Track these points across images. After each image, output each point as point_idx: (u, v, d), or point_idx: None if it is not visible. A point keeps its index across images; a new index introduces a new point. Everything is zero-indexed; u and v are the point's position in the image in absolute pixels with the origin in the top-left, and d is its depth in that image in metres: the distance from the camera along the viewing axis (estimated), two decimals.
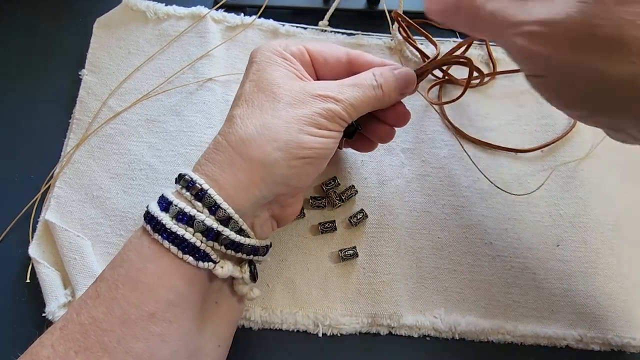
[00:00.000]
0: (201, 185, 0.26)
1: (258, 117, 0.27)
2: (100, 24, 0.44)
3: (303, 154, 0.27)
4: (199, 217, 0.26)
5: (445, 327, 0.36)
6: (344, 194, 0.38)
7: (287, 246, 0.38)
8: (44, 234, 0.37)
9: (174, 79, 0.43)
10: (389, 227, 0.38)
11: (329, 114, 0.28)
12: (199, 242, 0.26)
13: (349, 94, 0.29)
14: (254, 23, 0.44)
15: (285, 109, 0.27)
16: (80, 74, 0.43)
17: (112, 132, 0.41)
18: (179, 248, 0.26)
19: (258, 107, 0.28)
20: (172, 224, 0.26)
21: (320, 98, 0.28)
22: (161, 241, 0.26)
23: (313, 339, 0.36)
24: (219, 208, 0.26)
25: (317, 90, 0.28)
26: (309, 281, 0.37)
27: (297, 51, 0.31)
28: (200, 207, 0.26)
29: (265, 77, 0.29)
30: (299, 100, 0.28)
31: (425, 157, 0.41)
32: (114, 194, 0.39)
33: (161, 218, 0.26)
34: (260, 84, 0.28)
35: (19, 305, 0.36)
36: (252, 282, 0.29)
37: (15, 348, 0.32)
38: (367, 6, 0.46)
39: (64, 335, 0.24)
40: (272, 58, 0.29)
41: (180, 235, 0.25)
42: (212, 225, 0.26)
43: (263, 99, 0.28)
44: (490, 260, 0.38)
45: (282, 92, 0.28)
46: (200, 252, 0.26)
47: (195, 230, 0.26)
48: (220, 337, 0.29)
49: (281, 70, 0.29)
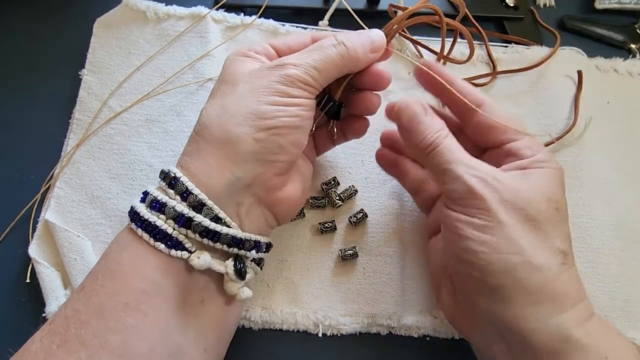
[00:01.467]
0: (174, 174, 0.27)
1: (218, 102, 0.28)
2: (100, 24, 0.44)
3: (266, 124, 0.27)
4: (170, 203, 0.26)
5: (445, 327, 0.36)
6: (344, 194, 0.38)
7: (287, 246, 0.38)
8: (44, 234, 0.37)
9: (174, 79, 0.43)
10: (389, 227, 0.38)
11: (288, 79, 0.27)
12: (171, 229, 0.26)
13: (307, 57, 0.28)
14: (254, 23, 0.45)
15: (243, 87, 0.28)
16: (80, 74, 0.43)
17: (112, 132, 0.41)
18: (151, 235, 0.26)
19: (220, 95, 0.28)
20: (145, 211, 0.26)
21: (277, 67, 0.28)
22: (135, 229, 0.26)
23: (313, 339, 0.36)
24: (190, 194, 0.26)
25: (275, 62, 0.28)
26: (309, 281, 0.37)
27: (260, 48, 0.31)
28: (172, 194, 0.26)
29: (228, 72, 0.29)
30: (256, 76, 0.28)
31: None
32: (114, 194, 0.39)
33: (137, 208, 0.27)
34: (223, 78, 0.29)
35: (19, 305, 0.36)
36: (238, 279, 0.27)
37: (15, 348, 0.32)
38: (367, 6, 0.46)
39: (51, 329, 0.25)
40: (236, 58, 0.30)
41: (152, 222, 0.26)
42: (183, 211, 0.26)
43: (224, 88, 0.28)
44: None
45: (239, 77, 0.28)
46: (173, 240, 0.26)
47: (167, 217, 0.26)
48: (207, 341, 0.28)
49: (244, 63, 0.29)
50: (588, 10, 0.48)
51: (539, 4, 0.49)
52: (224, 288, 0.28)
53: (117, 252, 0.26)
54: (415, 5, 0.32)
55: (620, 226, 0.39)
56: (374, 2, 0.45)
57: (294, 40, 0.32)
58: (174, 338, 0.26)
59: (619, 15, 0.48)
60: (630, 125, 0.43)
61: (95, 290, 0.25)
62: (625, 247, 0.38)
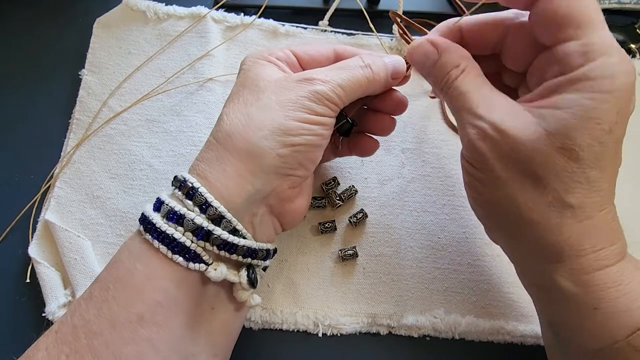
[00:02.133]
0: (192, 184, 0.26)
1: (242, 110, 0.27)
2: (100, 24, 0.44)
3: (291, 141, 0.26)
4: (189, 215, 0.25)
5: (445, 327, 0.36)
6: (344, 194, 0.38)
7: (287, 246, 0.38)
8: (44, 234, 0.37)
9: (174, 79, 0.43)
10: (389, 227, 0.38)
11: (316, 97, 0.27)
12: (189, 242, 0.25)
13: (335, 75, 0.28)
14: (254, 23, 0.44)
15: (269, 97, 0.27)
16: (80, 74, 0.43)
17: (112, 132, 0.41)
18: (169, 248, 0.25)
19: (243, 102, 0.27)
20: (162, 223, 0.25)
21: (305, 82, 0.27)
22: (151, 241, 0.25)
23: (313, 339, 0.36)
24: (209, 206, 0.25)
25: (303, 75, 0.28)
26: (309, 281, 0.37)
27: (282, 54, 0.30)
28: (190, 206, 0.25)
29: (250, 76, 0.28)
30: (283, 87, 0.27)
31: (425, 157, 0.41)
32: (114, 194, 0.39)
33: (152, 217, 0.25)
34: (245, 82, 0.28)
35: (19, 305, 0.36)
36: (250, 287, 0.28)
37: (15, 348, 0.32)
38: (367, 6, 0.46)
39: (58, 338, 0.24)
40: (257, 62, 0.29)
41: (170, 234, 0.25)
42: (202, 224, 0.25)
43: (248, 94, 0.28)
44: (490, 260, 0.38)
45: (265, 84, 0.28)
46: (191, 253, 0.25)
47: (185, 229, 0.25)
48: (217, 346, 0.28)
49: (267, 68, 0.29)
50: None
51: None
52: (233, 295, 0.28)
53: (130, 262, 0.25)
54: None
55: None
56: (374, 2, 0.45)
57: (316, 51, 0.31)
58: (187, 347, 0.26)
59: (619, 15, 0.48)
60: (630, 125, 0.43)
61: (106, 301, 0.24)
62: None
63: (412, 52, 0.29)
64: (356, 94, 0.29)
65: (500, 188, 0.25)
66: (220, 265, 0.26)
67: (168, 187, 0.38)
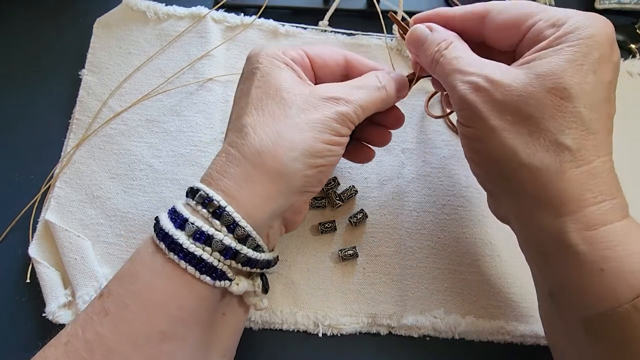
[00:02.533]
0: (219, 202, 0.25)
1: (271, 125, 0.26)
2: (100, 24, 0.44)
3: (317, 162, 0.27)
4: (218, 236, 0.25)
5: (445, 327, 0.36)
6: (344, 194, 0.38)
7: (287, 246, 0.38)
8: (44, 234, 0.37)
9: (174, 79, 0.43)
10: (389, 227, 0.38)
11: (341, 118, 0.27)
12: (217, 262, 0.25)
13: (357, 96, 0.28)
14: (254, 23, 0.44)
15: (298, 115, 0.27)
16: (80, 74, 0.43)
17: (112, 132, 0.41)
18: (196, 268, 0.24)
19: (269, 115, 0.27)
20: (189, 243, 0.24)
21: (331, 101, 0.27)
22: (177, 261, 0.24)
23: (313, 339, 0.36)
24: (237, 226, 0.25)
25: (327, 92, 0.28)
26: (309, 281, 0.37)
27: (297, 56, 0.30)
28: (218, 226, 0.25)
29: (272, 83, 0.28)
30: (310, 105, 0.27)
31: (425, 157, 0.41)
32: (114, 194, 0.39)
33: (177, 237, 0.24)
34: (267, 90, 0.27)
35: (19, 305, 0.36)
36: (264, 294, 0.29)
37: (15, 348, 0.32)
38: (367, 6, 0.46)
39: (69, 351, 0.23)
40: (274, 63, 0.28)
41: (198, 255, 0.24)
42: (231, 245, 0.25)
43: (273, 106, 0.27)
44: (490, 260, 0.38)
45: (292, 97, 0.27)
46: (218, 272, 0.25)
47: (213, 249, 0.25)
48: (226, 347, 0.29)
49: (286, 75, 0.28)
50: (588, 10, 0.48)
51: None
52: (244, 300, 0.29)
53: (151, 279, 0.25)
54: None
55: None
56: (374, 2, 0.45)
57: (329, 56, 0.31)
58: (202, 353, 0.26)
59: (619, 15, 0.48)
60: (630, 125, 0.43)
61: (124, 318, 0.24)
62: None
63: (410, 34, 0.30)
64: (370, 113, 0.30)
65: (496, 139, 0.25)
66: (242, 280, 0.27)
67: (171, 189, 0.39)
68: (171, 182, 0.39)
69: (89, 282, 0.35)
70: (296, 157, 0.26)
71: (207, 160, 0.40)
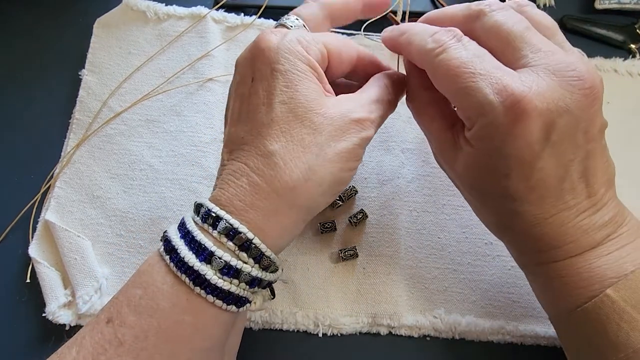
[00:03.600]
0: (246, 235, 0.24)
1: (301, 157, 0.24)
2: (100, 24, 0.44)
3: (339, 189, 0.27)
4: (246, 269, 0.24)
5: (445, 327, 0.36)
6: (344, 194, 0.38)
7: (287, 246, 0.38)
8: (44, 234, 0.37)
9: (174, 79, 0.43)
10: (389, 227, 0.38)
11: (364, 141, 0.27)
12: (243, 292, 0.25)
13: (376, 114, 0.28)
14: (254, 23, 0.45)
15: (328, 144, 0.25)
16: (80, 74, 0.43)
17: (112, 132, 0.41)
18: (224, 301, 0.24)
19: (299, 143, 0.25)
20: (216, 278, 0.23)
21: (359, 125, 0.26)
22: (204, 296, 0.23)
23: (313, 339, 0.36)
24: (263, 256, 0.25)
25: (353, 113, 0.26)
26: (309, 281, 0.37)
27: (319, 54, 0.27)
28: (245, 258, 0.24)
29: (299, 99, 0.25)
30: (339, 130, 0.25)
31: (425, 157, 0.41)
32: (114, 194, 0.39)
33: (204, 272, 0.23)
34: (294, 109, 0.25)
35: (19, 305, 0.36)
36: (271, 299, 0.29)
37: (15, 348, 0.32)
38: None
39: None
40: (298, 67, 0.26)
41: (227, 289, 0.24)
42: (258, 275, 0.25)
43: (303, 131, 0.25)
44: (490, 260, 0.38)
45: (321, 121, 0.25)
46: (243, 300, 0.25)
47: (241, 281, 0.24)
48: (230, 348, 0.29)
49: (312, 88, 0.26)
50: (588, 10, 0.48)
51: (539, 4, 0.49)
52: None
53: (175, 314, 0.23)
54: None
55: None
56: None
57: (346, 52, 0.29)
58: None
59: (619, 15, 0.48)
60: (630, 126, 0.43)
61: (146, 350, 0.23)
62: None
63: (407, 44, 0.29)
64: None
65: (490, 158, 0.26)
66: (258, 298, 0.27)
67: (171, 189, 0.39)
68: (171, 182, 0.39)
69: (89, 282, 0.35)
70: (325, 190, 0.26)
71: (207, 161, 0.40)
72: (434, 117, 0.29)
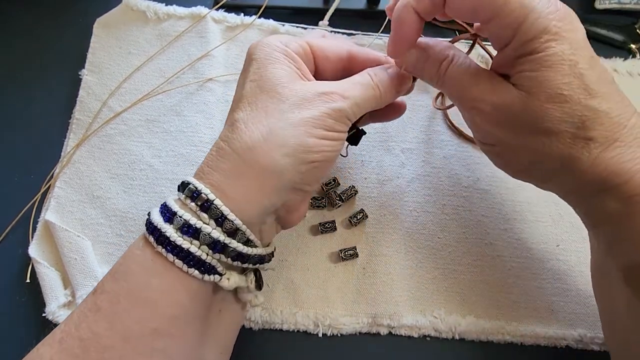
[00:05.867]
0: (207, 196, 0.25)
1: (263, 120, 0.26)
2: (100, 24, 0.44)
3: (311, 158, 0.26)
4: (205, 229, 0.25)
5: (445, 327, 0.36)
6: (344, 194, 0.38)
7: (287, 246, 0.38)
8: (44, 234, 0.37)
9: (174, 79, 0.43)
10: (389, 227, 0.38)
11: (336, 114, 0.27)
12: (205, 255, 0.25)
13: (352, 92, 0.28)
14: (254, 23, 0.44)
15: (291, 111, 0.26)
16: (80, 74, 0.43)
17: (112, 132, 0.41)
18: (184, 262, 0.24)
19: (263, 110, 0.26)
20: (176, 236, 0.24)
21: (326, 97, 0.27)
22: (165, 254, 0.24)
23: (313, 339, 0.36)
24: (225, 220, 0.25)
25: (323, 88, 0.27)
26: (309, 281, 0.37)
27: (299, 47, 0.29)
28: (206, 219, 0.25)
29: (268, 76, 0.27)
30: (305, 100, 0.26)
31: (425, 157, 0.41)
32: (114, 194, 0.39)
33: (165, 230, 0.24)
34: (262, 84, 0.27)
35: (19, 305, 0.36)
36: (257, 290, 0.28)
37: (15, 348, 0.32)
38: (367, 6, 0.46)
39: (63, 349, 0.23)
40: (273, 55, 0.28)
41: (185, 248, 0.24)
42: (219, 238, 0.25)
43: (267, 101, 0.26)
44: (490, 260, 0.38)
45: (286, 93, 0.26)
46: (206, 265, 0.25)
47: (201, 243, 0.25)
48: (222, 344, 0.29)
49: (284, 69, 0.27)
50: (588, 10, 0.48)
51: None
52: (238, 296, 0.29)
53: (143, 276, 0.25)
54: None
55: None
56: (374, 2, 0.45)
57: (331, 49, 0.30)
58: (197, 351, 0.26)
59: (619, 15, 0.48)
60: None
61: (118, 315, 0.24)
62: None
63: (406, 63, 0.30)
64: (366, 111, 0.30)
65: (521, 152, 0.27)
66: (233, 275, 0.27)
67: (171, 189, 0.39)
68: (171, 182, 0.39)
69: (89, 282, 0.35)
70: (287, 152, 0.25)
71: None
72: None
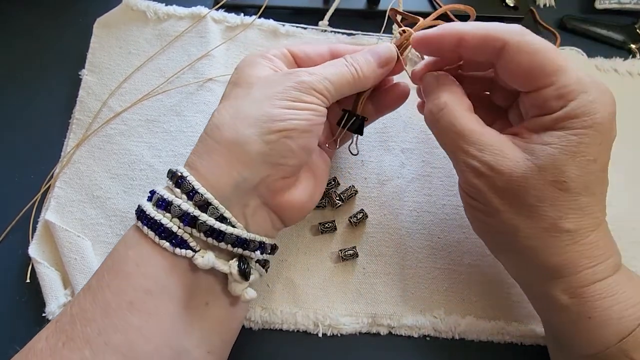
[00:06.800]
0: (181, 173, 0.27)
1: (232, 104, 0.28)
2: (100, 24, 0.44)
3: (277, 126, 0.26)
4: (176, 202, 0.26)
5: (445, 327, 0.36)
6: (344, 194, 0.38)
7: (287, 246, 0.38)
8: (44, 234, 0.37)
9: (174, 79, 0.43)
10: (389, 227, 0.38)
11: (302, 86, 0.28)
12: (176, 227, 0.26)
13: (322, 70, 0.29)
14: (254, 23, 0.45)
15: (257, 91, 0.28)
16: (80, 74, 0.43)
17: (112, 132, 0.41)
18: (156, 233, 0.26)
19: (234, 98, 0.28)
20: (151, 210, 0.26)
21: (291, 75, 0.28)
22: (141, 227, 0.26)
23: (313, 339, 0.36)
24: (196, 193, 0.26)
25: (290, 70, 0.29)
26: (309, 281, 0.37)
27: (278, 52, 0.31)
28: (178, 194, 0.26)
29: (243, 75, 0.29)
30: (272, 81, 0.28)
31: (425, 157, 0.41)
32: (114, 194, 0.39)
33: (144, 206, 0.27)
34: (237, 80, 0.29)
35: (19, 305, 0.36)
36: (242, 279, 0.27)
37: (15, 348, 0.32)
38: (367, 6, 0.46)
39: (57, 327, 0.25)
40: (251, 59, 0.30)
41: (158, 220, 0.26)
42: (188, 210, 0.26)
43: (239, 91, 0.29)
44: (490, 260, 0.38)
45: (255, 80, 0.28)
46: (177, 238, 0.26)
47: (173, 215, 0.26)
48: (212, 343, 0.28)
49: (259, 68, 0.29)
50: (588, 10, 0.48)
51: (539, 4, 0.49)
52: (227, 288, 0.28)
53: (123, 250, 0.27)
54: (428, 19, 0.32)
55: (619, 226, 0.39)
56: (374, 2, 0.45)
57: (312, 49, 0.32)
58: (179, 340, 0.26)
59: (619, 15, 0.48)
60: (630, 126, 0.43)
61: (101, 289, 0.25)
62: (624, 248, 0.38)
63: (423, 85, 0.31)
64: (345, 89, 0.30)
65: (499, 217, 0.27)
66: (208, 253, 0.27)
67: None
68: None
69: None
70: (250, 123, 0.27)
71: None
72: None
